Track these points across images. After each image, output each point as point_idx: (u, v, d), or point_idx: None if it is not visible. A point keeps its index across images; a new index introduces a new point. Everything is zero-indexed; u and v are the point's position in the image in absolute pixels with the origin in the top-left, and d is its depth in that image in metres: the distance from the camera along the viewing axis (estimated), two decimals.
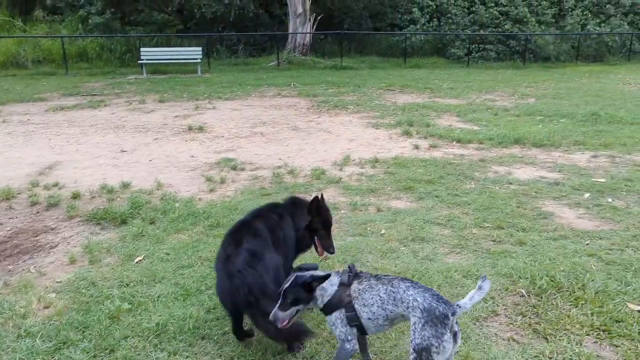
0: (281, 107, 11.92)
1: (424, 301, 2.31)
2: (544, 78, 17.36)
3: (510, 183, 6.05)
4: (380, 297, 2.43)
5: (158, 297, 3.53)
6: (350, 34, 24.06)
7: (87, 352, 2.89)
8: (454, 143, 8.16)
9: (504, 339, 3.06)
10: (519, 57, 22.85)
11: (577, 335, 3.07)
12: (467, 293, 2.33)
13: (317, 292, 2.50)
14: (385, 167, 6.82)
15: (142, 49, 19.41)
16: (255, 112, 11.27)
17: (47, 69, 19.81)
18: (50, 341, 3.00)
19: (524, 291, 3.55)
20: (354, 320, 2.45)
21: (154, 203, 5.50)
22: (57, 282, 3.83)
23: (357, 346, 2.50)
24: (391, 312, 2.42)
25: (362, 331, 2.50)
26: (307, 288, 2.46)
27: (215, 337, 3.03)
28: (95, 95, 13.80)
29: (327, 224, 3.25)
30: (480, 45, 23.04)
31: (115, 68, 20.47)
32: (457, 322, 2.33)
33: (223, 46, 23.23)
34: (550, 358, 2.88)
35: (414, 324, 2.29)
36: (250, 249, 2.77)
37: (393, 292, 2.41)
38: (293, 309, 2.46)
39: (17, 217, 5.21)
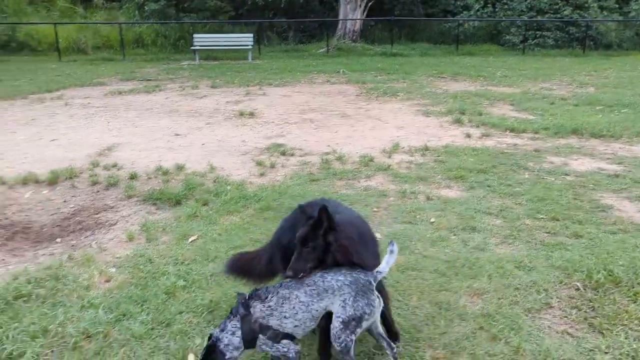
0: (330, 94, 11.92)
1: (346, 277, 2.37)
2: (605, 66, 16.58)
3: (567, 174, 5.85)
4: (302, 301, 2.37)
5: (211, 275, 3.65)
6: (401, 20, 23.71)
7: (145, 325, 3.02)
8: (508, 132, 7.95)
9: (557, 332, 2.99)
10: (578, 45, 21.88)
11: (636, 331, 2.97)
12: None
13: (228, 356, 2.34)
14: (435, 156, 6.73)
15: (195, 36, 19.81)
16: (305, 99, 11.33)
17: (106, 55, 20.55)
18: (112, 312, 3.16)
19: (579, 284, 3.45)
20: (277, 337, 2.38)
21: (207, 185, 5.66)
22: (117, 257, 4.01)
23: (297, 346, 2.44)
24: (317, 311, 2.39)
25: (290, 337, 2.43)
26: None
27: None
28: (150, 80, 14.22)
29: None
30: (537, 32, 22.17)
31: (169, 54, 21.01)
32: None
33: (273, 33, 23.40)
34: (607, 352, 2.80)
35: (344, 300, 2.33)
36: None
37: (313, 289, 2.38)
38: None
39: (79, 196, 5.47)
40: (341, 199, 5.20)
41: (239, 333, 2.34)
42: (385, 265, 2.41)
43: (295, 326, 2.40)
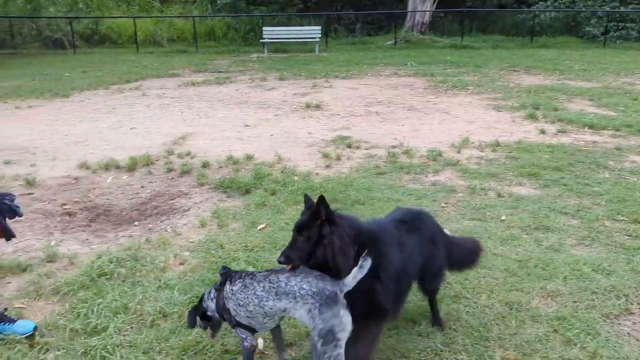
0: (397, 87, 11.80)
1: (311, 286, 2.22)
2: None
3: None
4: (257, 295, 2.32)
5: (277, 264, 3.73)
6: (472, 11, 23.00)
7: None
8: (586, 129, 7.56)
9: (637, 340, 2.84)
10: None
11: None
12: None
13: (209, 312, 2.53)
14: (507, 152, 6.51)
15: (264, 28, 20.14)
16: (371, 91, 11.27)
17: (180, 47, 21.34)
18: (186, 294, 3.31)
19: None
20: (231, 321, 2.41)
21: (274, 175, 5.77)
22: (190, 242, 4.19)
23: (254, 342, 2.45)
24: (271, 309, 2.32)
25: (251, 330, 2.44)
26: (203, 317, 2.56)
27: None
28: (221, 72, 14.63)
29: None
30: (619, 24, 20.82)
31: (239, 47, 21.51)
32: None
33: (341, 25, 23.37)
34: None
35: (310, 310, 2.19)
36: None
37: (273, 287, 2.30)
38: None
39: (155, 182, 5.74)
40: (408, 193, 5.16)
41: (214, 302, 2.51)
42: (352, 279, 2.20)
43: (248, 317, 2.38)
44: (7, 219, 2.84)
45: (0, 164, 6.28)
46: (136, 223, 4.69)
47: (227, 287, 2.44)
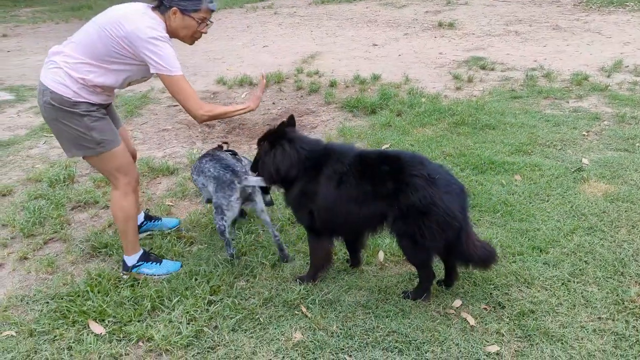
0: (542, 4, 10.68)
1: (214, 171, 2.82)
2: None
3: None
4: (195, 171, 3.02)
5: None
6: None
7: None
8: None
9: None
10: None
11: None
12: None
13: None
14: None
15: None
16: (511, 9, 10.34)
17: None
18: None
19: None
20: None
21: (401, 96, 5.68)
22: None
23: (225, 222, 2.82)
24: (201, 183, 2.94)
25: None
26: None
27: None
28: None
29: None
30: None
31: None
32: (250, 184, 2.75)
33: None
34: None
35: (214, 187, 2.79)
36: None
37: (199, 168, 2.95)
38: None
39: (285, 99, 5.95)
40: (545, 119, 4.82)
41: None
42: (250, 181, 2.73)
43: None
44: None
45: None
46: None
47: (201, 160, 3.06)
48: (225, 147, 3.28)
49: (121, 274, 2.79)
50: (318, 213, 2.46)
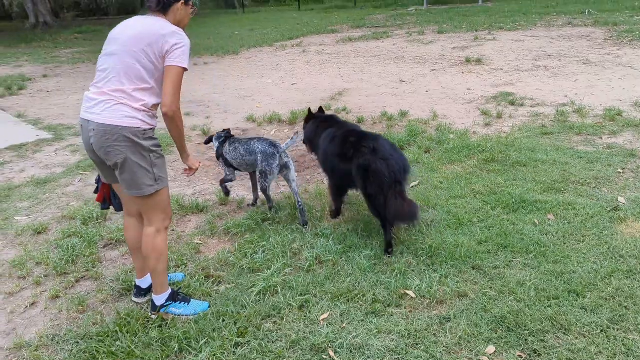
0: (571, 38, 10.63)
1: (262, 147, 3.77)
2: None
3: None
4: (241, 153, 3.88)
5: (431, 222, 3.71)
6: None
7: (369, 259, 3.25)
8: None
9: None
10: None
11: None
12: None
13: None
14: None
15: None
16: (540, 44, 10.32)
17: (339, 3, 21.60)
18: (340, 244, 3.46)
19: None
20: (227, 164, 4.02)
21: (429, 133, 5.66)
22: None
23: (233, 177, 4.10)
24: (247, 160, 3.86)
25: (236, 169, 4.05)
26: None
27: (486, 270, 3.05)
28: (378, 27, 14.52)
29: None
30: None
31: (397, 0, 21.05)
32: (286, 156, 3.81)
33: None
34: None
35: (259, 160, 3.76)
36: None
37: (248, 148, 3.84)
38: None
39: None
40: (578, 156, 4.73)
41: (216, 145, 4.11)
42: (285, 145, 3.78)
43: (238, 164, 3.97)
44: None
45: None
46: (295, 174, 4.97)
47: (226, 146, 4.00)
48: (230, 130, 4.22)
49: (150, 314, 2.80)
50: (323, 161, 3.84)
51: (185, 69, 2.51)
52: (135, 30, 2.51)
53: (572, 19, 13.01)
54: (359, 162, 3.31)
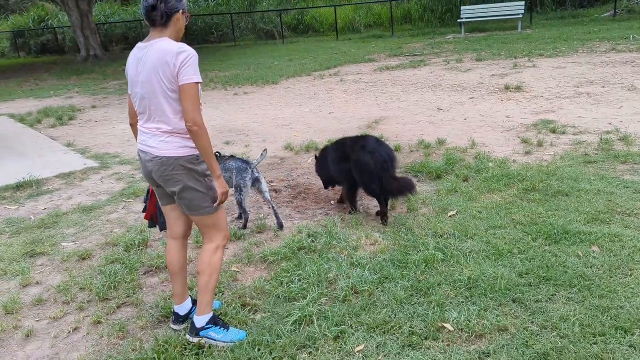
0: (615, 64, 10.39)
1: (236, 165, 4.28)
2: None
3: None
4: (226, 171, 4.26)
5: (470, 252, 3.64)
6: None
7: (406, 290, 3.20)
8: None
9: None
10: None
11: None
12: None
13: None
14: None
15: (462, 8, 19.40)
16: (582, 70, 10.13)
17: (376, 32, 21.81)
18: (376, 274, 3.44)
19: None
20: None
21: (467, 161, 5.60)
22: (381, 223, 4.32)
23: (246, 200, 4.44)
24: (229, 177, 4.25)
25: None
26: None
27: (528, 304, 2.96)
28: (416, 55, 14.57)
29: None
30: None
31: (435, 28, 21.12)
32: (257, 171, 4.37)
33: None
34: None
35: (234, 176, 4.27)
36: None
37: (224, 166, 4.25)
38: None
39: None
40: (624, 186, 4.58)
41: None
42: (256, 161, 4.39)
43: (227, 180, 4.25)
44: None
45: (222, 144, 7.24)
46: (332, 202, 5.00)
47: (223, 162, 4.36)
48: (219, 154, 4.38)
49: (187, 338, 2.83)
50: (336, 171, 4.58)
51: (198, 83, 2.53)
52: (147, 71, 2.54)
53: (616, 44, 12.74)
54: (353, 159, 4.28)
